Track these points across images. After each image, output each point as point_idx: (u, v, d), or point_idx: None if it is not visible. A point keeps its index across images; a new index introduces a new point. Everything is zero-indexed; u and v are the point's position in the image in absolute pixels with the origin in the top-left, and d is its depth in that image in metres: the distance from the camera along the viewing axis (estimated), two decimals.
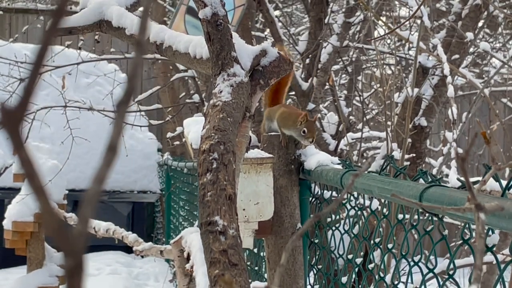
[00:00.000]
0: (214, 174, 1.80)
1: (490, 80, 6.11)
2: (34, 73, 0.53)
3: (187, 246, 4.41)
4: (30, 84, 0.53)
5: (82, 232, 0.52)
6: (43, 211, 0.51)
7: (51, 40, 0.52)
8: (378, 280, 3.08)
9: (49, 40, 0.52)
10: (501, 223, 1.86)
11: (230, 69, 2.24)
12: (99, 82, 11.70)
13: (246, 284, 1.60)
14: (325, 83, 6.34)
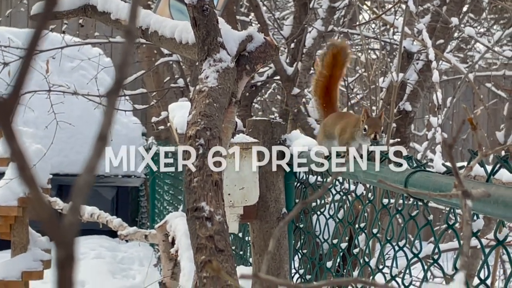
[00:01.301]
0: (200, 160, 1.80)
1: (475, 65, 6.12)
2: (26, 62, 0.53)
3: (172, 231, 4.42)
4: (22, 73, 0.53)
5: (73, 222, 0.51)
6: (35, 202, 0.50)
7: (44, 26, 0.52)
8: (363, 264, 3.09)
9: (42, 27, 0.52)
10: (486, 208, 1.87)
11: (216, 54, 2.23)
12: (83, 66, 11.65)
13: (233, 269, 1.61)
14: (310, 67, 6.32)
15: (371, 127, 2.83)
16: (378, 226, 3.03)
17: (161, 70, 11.30)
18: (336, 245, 3.38)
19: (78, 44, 7.91)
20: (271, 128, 3.68)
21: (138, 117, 13.27)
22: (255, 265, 3.70)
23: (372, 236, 2.99)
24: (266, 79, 7.59)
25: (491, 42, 6.59)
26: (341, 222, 3.37)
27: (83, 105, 9.49)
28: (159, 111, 10.20)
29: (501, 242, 2.09)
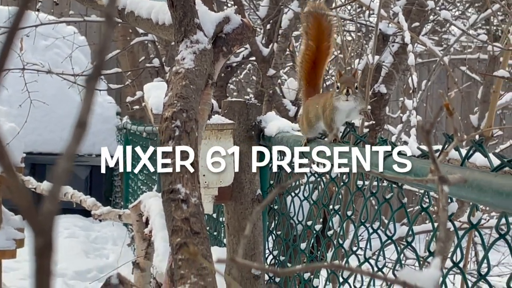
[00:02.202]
0: (177, 142, 1.80)
1: (450, 48, 6.13)
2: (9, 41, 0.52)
3: (146, 211, 4.41)
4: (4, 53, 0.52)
5: (52, 211, 0.51)
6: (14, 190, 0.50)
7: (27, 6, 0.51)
8: (337, 246, 3.10)
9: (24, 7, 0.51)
10: (460, 192, 1.88)
11: (193, 36, 2.22)
12: (57, 44, 11.56)
13: (208, 252, 1.61)
14: (286, 49, 6.32)
15: (343, 83, 2.70)
16: (353, 208, 3.04)
17: (136, 50, 11.25)
18: (310, 227, 3.39)
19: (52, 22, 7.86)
20: (247, 109, 3.67)
21: (112, 96, 13.20)
22: (230, 246, 3.71)
23: (347, 218, 3.00)
24: (242, 60, 7.58)
25: (466, 25, 6.60)
26: (316, 204, 3.38)
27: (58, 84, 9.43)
28: (134, 90, 10.17)
29: (475, 225, 2.10)
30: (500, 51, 5.26)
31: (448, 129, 11.83)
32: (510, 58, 5.21)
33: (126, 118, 11.82)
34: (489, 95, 5.37)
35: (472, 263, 6.13)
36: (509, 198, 1.67)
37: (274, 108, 6.08)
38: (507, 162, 1.81)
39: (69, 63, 7.54)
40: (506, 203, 1.68)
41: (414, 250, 2.62)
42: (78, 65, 10.15)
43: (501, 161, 1.83)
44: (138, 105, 10.76)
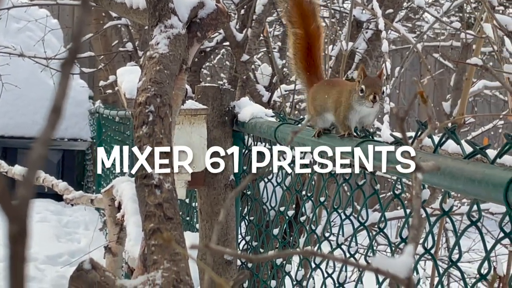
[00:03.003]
0: (150, 127, 1.79)
1: (423, 35, 6.15)
2: None
3: (118, 196, 4.39)
4: None
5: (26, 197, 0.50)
6: None
7: None
8: (309, 232, 3.11)
9: None
10: (433, 179, 1.89)
11: (167, 20, 2.21)
12: (30, 27, 11.48)
13: (181, 238, 1.60)
14: (260, 34, 6.31)
15: (369, 87, 2.39)
16: (325, 194, 3.05)
17: (109, 34, 11.19)
18: (283, 213, 3.40)
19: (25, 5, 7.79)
20: (220, 94, 3.67)
21: (85, 80, 13.14)
22: (202, 231, 3.71)
23: (319, 204, 3.01)
24: (215, 45, 7.56)
25: (440, 12, 6.63)
26: (289, 189, 3.39)
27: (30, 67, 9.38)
28: (107, 74, 10.12)
29: (447, 212, 2.12)
30: (473, 38, 5.29)
31: (421, 116, 11.88)
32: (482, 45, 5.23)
33: (99, 102, 11.78)
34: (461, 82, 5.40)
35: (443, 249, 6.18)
36: (481, 185, 1.68)
37: (248, 94, 6.08)
38: (480, 150, 1.82)
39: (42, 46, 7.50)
40: (478, 190, 1.70)
41: (386, 236, 2.63)
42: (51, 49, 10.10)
43: (474, 149, 1.84)
44: (111, 89, 10.72)
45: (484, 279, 1.91)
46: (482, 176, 1.68)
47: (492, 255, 1.93)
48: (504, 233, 1.78)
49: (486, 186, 1.66)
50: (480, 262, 1.93)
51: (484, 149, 1.82)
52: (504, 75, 3.08)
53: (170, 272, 1.53)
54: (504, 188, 1.57)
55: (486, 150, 1.83)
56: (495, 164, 1.77)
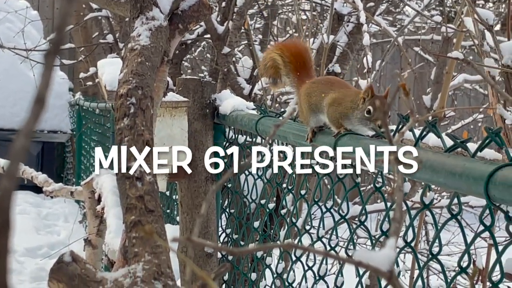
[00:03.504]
0: (132, 119, 1.78)
1: (404, 28, 6.16)
2: None
3: (99, 188, 4.38)
4: None
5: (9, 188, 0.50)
6: None
7: None
8: (290, 225, 3.11)
9: None
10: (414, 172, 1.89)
11: (149, 12, 2.20)
12: (9, 19, 11.41)
13: (162, 230, 1.60)
14: (241, 27, 6.30)
15: (377, 110, 2.18)
16: (306, 187, 3.05)
17: (90, 25, 11.15)
18: (263, 205, 3.40)
19: None
20: (201, 87, 3.66)
21: (65, 72, 13.08)
22: (183, 224, 3.71)
23: (300, 197, 3.01)
24: (196, 37, 7.54)
25: (421, 6, 6.64)
26: (269, 182, 3.39)
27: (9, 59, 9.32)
28: (87, 66, 10.09)
29: (427, 205, 2.12)
30: (453, 32, 5.31)
31: (401, 109, 11.92)
32: (463, 39, 5.25)
33: (79, 94, 11.74)
34: (442, 76, 5.41)
35: (422, 242, 6.20)
36: (461, 178, 1.68)
37: (229, 86, 6.07)
38: (460, 143, 1.83)
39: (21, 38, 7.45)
40: (458, 183, 1.70)
41: (366, 229, 2.64)
42: (31, 40, 10.04)
43: (454, 142, 1.84)
44: (91, 81, 10.68)
45: (464, 272, 1.92)
46: (462, 169, 1.68)
47: (471, 248, 1.94)
48: (484, 226, 1.79)
49: (466, 180, 1.66)
50: (460, 255, 1.94)
51: (465, 142, 1.83)
52: (485, 69, 3.09)
53: (151, 265, 1.52)
54: (485, 182, 1.58)
55: (467, 144, 1.83)
56: (476, 157, 1.78)
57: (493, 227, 1.81)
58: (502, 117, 3.01)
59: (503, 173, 1.56)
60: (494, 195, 1.57)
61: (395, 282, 0.81)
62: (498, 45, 3.05)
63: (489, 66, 3.09)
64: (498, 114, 3.00)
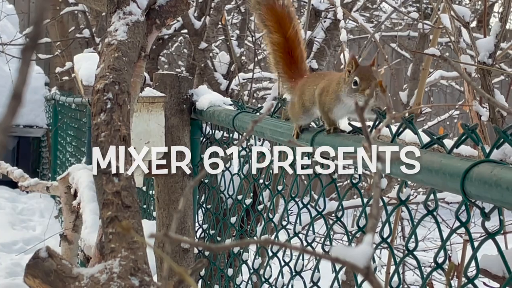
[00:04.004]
0: (108, 114, 1.78)
1: (381, 25, 6.18)
2: None
3: (75, 183, 4.37)
4: None
5: None
6: None
7: None
8: (266, 221, 3.12)
9: None
10: (391, 168, 1.90)
11: (126, 7, 2.19)
12: None
13: (139, 226, 1.60)
14: (218, 22, 6.29)
15: (364, 79, 2.06)
16: (283, 183, 3.05)
17: (66, 20, 11.09)
18: (240, 201, 3.40)
19: None
20: (178, 82, 3.65)
21: (41, 67, 13.01)
22: (159, 219, 3.70)
23: (277, 193, 3.02)
24: (173, 32, 7.53)
25: (397, 2, 6.66)
26: (246, 178, 3.39)
27: None
28: (63, 61, 10.04)
29: (404, 202, 2.13)
30: (430, 29, 5.32)
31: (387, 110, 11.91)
32: (439, 36, 5.27)
33: (55, 89, 11.68)
34: (418, 72, 5.43)
35: (398, 238, 6.22)
36: (438, 175, 1.69)
37: (206, 82, 6.06)
38: (437, 139, 1.83)
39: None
40: (435, 179, 1.71)
41: (343, 225, 2.65)
42: (6, 34, 9.97)
43: (431, 138, 1.85)
44: (67, 76, 10.63)
45: (440, 268, 1.93)
46: (439, 166, 1.69)
47: (447, 244, 1.95)
48: (460, 222, 1.80)
49: (443, 176, 1.67)
50: (436, 251, 1.95)
51: (441, 138, 1.84)
52: (461, 66, 3.11)
53: (127, 260, 1.52)
54: (461, 178, 1.59)
55: (443, 140, 1.84)
56: (452, 154, 1.78)
57: (469, 223, 1.81)
58: (478, 113, 3.03)
59: (479, 169, 1.57)
60: (470, 191, 1.58)
61: (371, 278, 0.82)
62: (474, 42, 3.06)
63: (466, 63, 3.11)
64: (474, 111, 3.02)
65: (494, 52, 2.98)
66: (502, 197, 1.48)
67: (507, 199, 1.47)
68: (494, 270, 2.06)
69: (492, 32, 3.01)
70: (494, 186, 1.50)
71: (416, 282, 6.44)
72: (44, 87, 13.05)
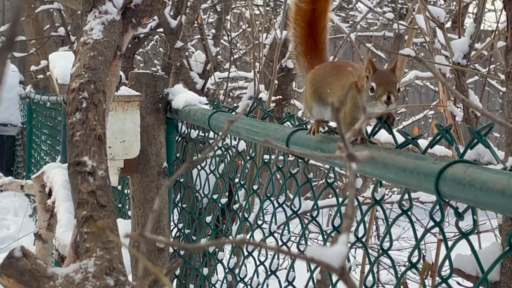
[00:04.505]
0: (84, 113, 1.77)
1: (356, 25, 6.20)
2: None
3: (49, 182, 4.35)
4: None
5: None
6: None
7: None
8: (242, 220, 3.12)
9: None
10: (365, 168, 1.91)
11: (102, 6, 2.19)
12: None
13: (114, 225, 1.60)
14: (194, 21, 6.29)
15: (381, 84, 1.87)
16: (258, 182, 3.05)
17: (41, 18, 11.04)
18: (216, 200, 3.40)
19: None
20: (154, 81, 3.65)
21: (16, 65, 12.93)
22: (134, 218, 3.69)
23: (252, 192, 3.02)
24: (149, 31, 7.51)
25: (373, 3, 6.68)
26: (222, 177, 3.39)
27: None
28: (38, 59, 9.99)
29: (378, 201, 2.14)
30: (405, 29, 5.35)
31: None
32: (414, 36, 5.29)
33: (30, 87, 11.62)
34: None
35: (373, 237, 6.25)
36: (412, 175, 1.70)
37: (182, 81, 6.06)
38: (411, 140, 1.84)
39: None
40: (409, 180, 1.72)
41: (318, 224, 2.65)
42: None
43: (405, 138, 1.86)
44: (42, 75, 10.58)
45: (414, 268, 1.94)
46: (414, 166, 1.70)
47: (421, 243, 1.96)
48: (434, 222, 1.81)
49: (417, 176, 1.68)
50: (411, 250, 1.96)
51: (416, 139, 1.85)
52: (436, 66, 3.12)
53: (102, 260, 1.52)
54: (435, 178, 1.60)
55: (418, 140, 1.85)
56: (426, 154, 1.80)
57: (443, 222, 1.83)
58: (452, 114, 3.05)
59: (453, 170, 1.58)
60: (444, 191, 1.59)
61: (346, 278, 0.82)
62: (449, 43, 3.08)
63: (440, 64, 3.13)
64: (449, 111, 3.04)
65: (468, 53, 3.01)
66: (475, 197, 1.49)
67: (480, 199, 1.48)
68: (468, 269, 2.08)
69: (466, 33, 3.03)
70: (468, 186, 1.51)
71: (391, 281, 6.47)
72: (19, 85, 12.98)
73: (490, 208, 1.49)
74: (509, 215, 1.64)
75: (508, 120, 2.28)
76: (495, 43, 3.50)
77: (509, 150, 2.29)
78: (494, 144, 7.62)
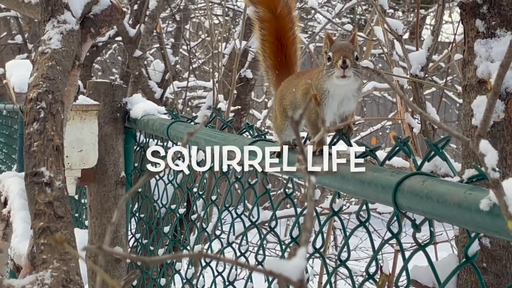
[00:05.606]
0: (42, 124, 1.76)
1: (315, 36, 6.22)
2: None
3: (5, 191, 4.30)
4: None
5: None
6: None
7: None
8: (200, 230, 3.11)
9: None
10: (324, 180, 1.92)
11: (60, 15, 2.18)
12: None
13: (72, 237, 1.58)
14: (153, 30, 6.28)
15: (337, 51, 1.85)
16: (217, 192, 3.05)
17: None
18: (174, 210, 3.39)
19: None
20: (112, 90, 3.63)
21: None
22: (92, 228, 3.67)
23: (211, 203, 3.02)
24: (108, 40, 7.48)
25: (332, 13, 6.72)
26: (180, 187, 3.38)
27: None
28: None
29: (336, 212, 2.15)
30: (363, 41, 5.38)
31: None
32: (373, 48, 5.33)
33: None
34: None
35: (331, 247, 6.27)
36: (370, 187, 1.71)
37: (140, 90, 6.04)
38: (369, 151, 1.85)
39: None
40: (367, 191, 1.73)
41: (276, 235, 2.66)
42: None
43: (364, 150, 1.87)
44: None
45: (371, 279, 1.95)
46: (372, 178, 1.71)
47: (378, 254, 1.97)
48: (392, 234, 1.82)
49: (375, 188, 1.69)
50: (368, 261, 1.97)
51: (374, 150, 1.86)
52: (394, 78, 3.15)
53: (59, 272, 1.51)
54: (393, 190, 1.61)
55: (375, 152, 1.86)
56: (384, 165, 1.81)
57: (400, 234, 1.84)
58: (410, 125, 3.07)
59: (410, 182, 1.59)
60: (402, 203, 1.60)
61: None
62: (407, 55, 3.11)
63: (398, 76, 3.15)
64: (406, 123, 3.06)
65: (426, 65, 3.03)
66: (432, 209, 1.50)
67: (437, 212, 1.49)
68: (425, 280, 2.10)
69: (424, 45, 3.06)
70: (425, 199, 1.52)
71: None
72: None
73: (447, 220, 1.50)
74: (465, 227, 1.65)
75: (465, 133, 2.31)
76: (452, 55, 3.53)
77: (465, 162, 2.32)
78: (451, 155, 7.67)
